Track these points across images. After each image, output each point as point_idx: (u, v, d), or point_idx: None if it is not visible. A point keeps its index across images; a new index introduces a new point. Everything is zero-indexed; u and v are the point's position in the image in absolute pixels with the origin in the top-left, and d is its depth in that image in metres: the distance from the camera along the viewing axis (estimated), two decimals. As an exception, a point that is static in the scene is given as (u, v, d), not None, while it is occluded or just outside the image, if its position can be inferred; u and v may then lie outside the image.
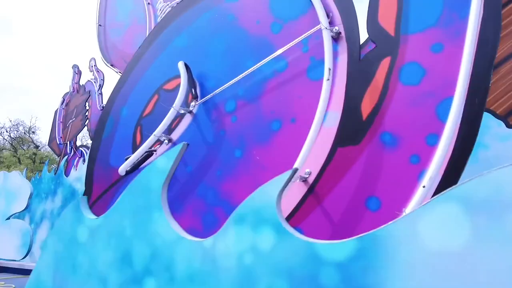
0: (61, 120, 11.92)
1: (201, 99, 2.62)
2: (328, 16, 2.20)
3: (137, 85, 2.95)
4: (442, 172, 1.79)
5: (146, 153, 2.61)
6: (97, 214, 2.95)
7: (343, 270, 1.11)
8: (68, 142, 11.42)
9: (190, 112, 2.65)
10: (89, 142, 12.05)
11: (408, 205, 1.83)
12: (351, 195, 2.08)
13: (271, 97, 2.39)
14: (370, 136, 2.07)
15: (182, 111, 2.59)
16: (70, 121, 11.42)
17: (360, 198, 2.04)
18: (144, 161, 2.69)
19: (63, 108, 11.95)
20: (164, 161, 1.61)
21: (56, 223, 2.06)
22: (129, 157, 2.67)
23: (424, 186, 1.75)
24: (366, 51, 2.16)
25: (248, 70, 2.43)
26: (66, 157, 11.21)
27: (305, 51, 2.34)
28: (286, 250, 1.24)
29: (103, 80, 11.74)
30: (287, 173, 1.36)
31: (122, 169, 2.61)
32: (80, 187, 8.71)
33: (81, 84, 12.30)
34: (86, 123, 10.97)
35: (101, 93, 11.60)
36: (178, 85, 2.76)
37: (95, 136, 3.09)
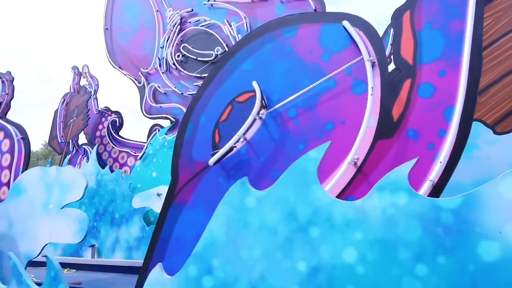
0: (62, 120, 12.32)
1: (269, 109, 3.57)
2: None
3: (212, 98, 3.87)
4: (450, 153, 2.83)
5: (230, 148, 3.53)
6: (185, 198, 3.84)
7: (455, 212, 2.07)
8: (70, 141, 11.85)
9: (261, 118, 3.59)
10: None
11: (429, 175, 2.85)
12: (387, 172, 3.08)
13: (325, 106, 3.38)
14: (400, 132, 3.09)
15: (257, 117, 3.54)
16: (71, 120, 11.92)
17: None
18: (226, 155, 3.60)
19: (63, 108, 12.40)
20: (315, 153, 2.54)
21: (225, 196, 2.88)
22: (215, 153, 3.58)
23: (441, 162, 2.79)
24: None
25: (307, 88, 3.41)
26: (69, 155, 11.66)
27: (349, 73, 3.34)
28: (416, 204, 2.19)
29: (98, 86, 12.32)
30: (413, 161, 2.32)
31: (212, 160, 3.52)
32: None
33: (81, 85, 12.73)
34: (88, 122, 11.43)
35: (96, 98, 12.18)
36: (248, 98, 3.71)
37: (178, 137, 3.97)
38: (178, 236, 3.82)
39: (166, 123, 8.89)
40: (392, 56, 3.34)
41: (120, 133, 11.64)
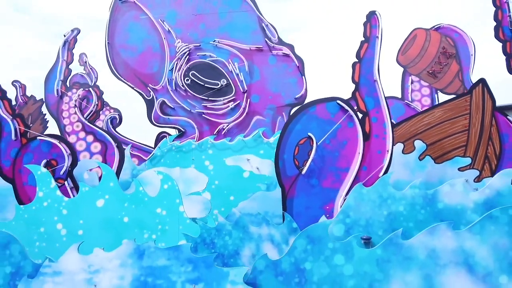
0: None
1: (318, 142, 8.27)
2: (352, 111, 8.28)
3: (287, 145, 8.31)
4: (391, 138, 8.11)
5: (308, 165, 8.10)
6: (293, 194, 8.22)
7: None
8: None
9: (316, 149, 8.26)
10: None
11: (387, 147, 8.05)
12: (372, 152, 8.16)
13: (340, 134, 8.30)
14: (371, 136, 8.23)
15: (314, 148, 8.20)
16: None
17: (375, 151, 8.17)
18: (307, 168, 8.17)
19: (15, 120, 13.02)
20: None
21: (373, 185, 7.42)
22: (301, 170, 8.13)
23: (388, 151, 8.02)
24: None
25: (330, 130, 8.28)
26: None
27: (344, 119, 8.34)
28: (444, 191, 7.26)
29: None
30: (441, 186, 7.36)
31: (304, 171, 8.07)
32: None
33: (29, 96, 13.38)
34: (47, 125, 12.64)
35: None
36: (305, 141, 8.34)
37: (276, 167, 8.24)
38: (296, 213, 8.18)
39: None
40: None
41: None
